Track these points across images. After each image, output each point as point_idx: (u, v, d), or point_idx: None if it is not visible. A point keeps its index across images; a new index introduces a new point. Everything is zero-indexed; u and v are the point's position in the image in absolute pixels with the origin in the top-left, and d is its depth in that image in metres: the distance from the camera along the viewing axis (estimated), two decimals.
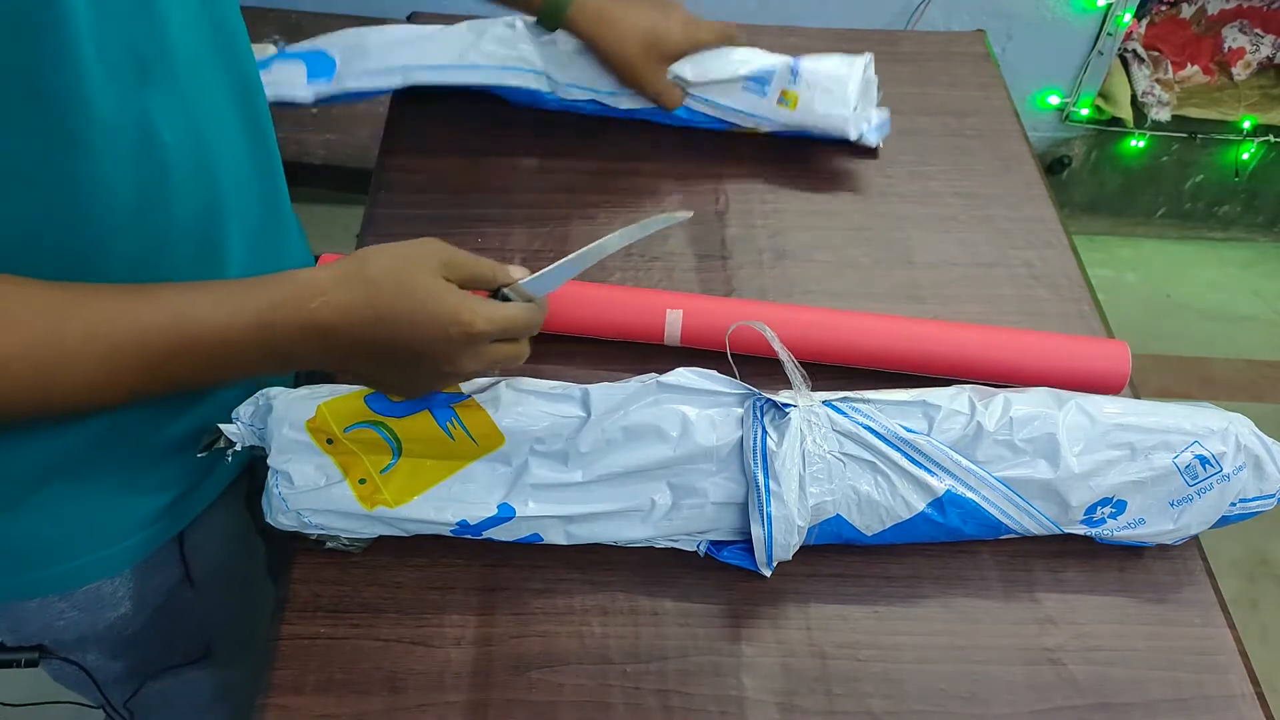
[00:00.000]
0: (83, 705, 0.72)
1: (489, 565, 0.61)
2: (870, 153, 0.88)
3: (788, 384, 0.61)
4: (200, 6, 0.53)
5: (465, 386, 0.59)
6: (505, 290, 0.56)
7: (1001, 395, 0.61)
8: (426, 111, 0.91)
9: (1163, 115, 1.93)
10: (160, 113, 0.50)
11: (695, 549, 0.61)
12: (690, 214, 0.61)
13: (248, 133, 0.60)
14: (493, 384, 0.60)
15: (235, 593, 0.77)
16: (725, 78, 0.84)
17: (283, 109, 0.79)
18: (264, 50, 0.84)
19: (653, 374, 0.60)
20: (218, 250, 0.58)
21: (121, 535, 0.63)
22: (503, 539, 0.60)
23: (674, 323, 0.70)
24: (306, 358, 0.52)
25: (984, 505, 0.59)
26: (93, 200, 0.49)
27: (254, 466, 0.73)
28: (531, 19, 0.84)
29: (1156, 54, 1.97)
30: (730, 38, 0.85)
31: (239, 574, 0.77)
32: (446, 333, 0.51)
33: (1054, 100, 1.94)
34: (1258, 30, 1.96)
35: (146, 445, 0.61)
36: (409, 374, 0.54)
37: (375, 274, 0.51)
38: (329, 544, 0.60)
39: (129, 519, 0.62)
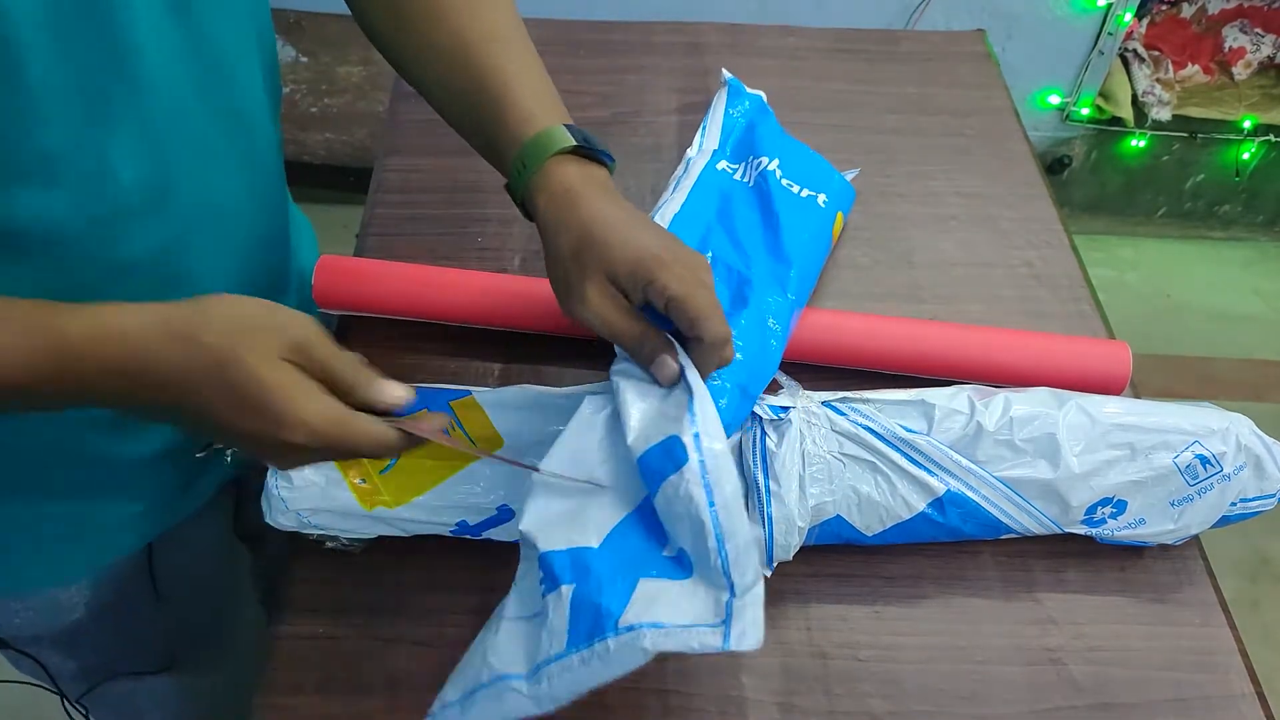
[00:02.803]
0: (43, 688, 0.73)
1: (489, 565, 0.61)
2: (869, 152, 0.88)
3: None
4: (182, 41, 0.50)
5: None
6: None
7: (1001, 395, 0.61)
8: (426, 111, 0.91)
9: (1163, 115, 1.93)
10: (120, 150, 0.48)
11: None
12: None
13: (239, 162, 0.57)
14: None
15: (209, 605, 0.77)
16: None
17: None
18: None
19: None
20: (180, 279, 0.55)
21: (77, 546, 0.62)
22: (502, 539, 0.60)
23: None
24: (109, 398, 0.46)
25: (984, 505, 0.59)
26: (33, 231, 0.47)
27: (242, 479, 0.73)
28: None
29: (1157, 54, 1.97)
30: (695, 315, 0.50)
31: (215, 587, 0.76)
32: (259, 431, 0.45)
33: (1054, 100, 1.94)
34: (1258, 30, 1.96)
35: (104, 464, 0.60)
36: (225, 439, 0.48)
37: (210, 340, 0.44)
38: (329, 544, 0.60)
39: (85, 531, 0.62)
